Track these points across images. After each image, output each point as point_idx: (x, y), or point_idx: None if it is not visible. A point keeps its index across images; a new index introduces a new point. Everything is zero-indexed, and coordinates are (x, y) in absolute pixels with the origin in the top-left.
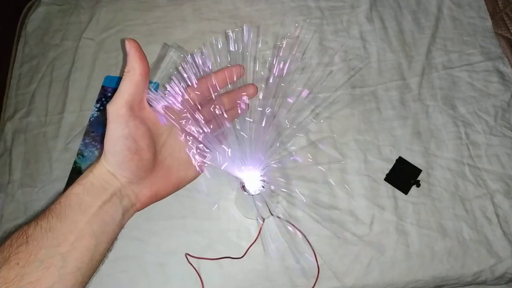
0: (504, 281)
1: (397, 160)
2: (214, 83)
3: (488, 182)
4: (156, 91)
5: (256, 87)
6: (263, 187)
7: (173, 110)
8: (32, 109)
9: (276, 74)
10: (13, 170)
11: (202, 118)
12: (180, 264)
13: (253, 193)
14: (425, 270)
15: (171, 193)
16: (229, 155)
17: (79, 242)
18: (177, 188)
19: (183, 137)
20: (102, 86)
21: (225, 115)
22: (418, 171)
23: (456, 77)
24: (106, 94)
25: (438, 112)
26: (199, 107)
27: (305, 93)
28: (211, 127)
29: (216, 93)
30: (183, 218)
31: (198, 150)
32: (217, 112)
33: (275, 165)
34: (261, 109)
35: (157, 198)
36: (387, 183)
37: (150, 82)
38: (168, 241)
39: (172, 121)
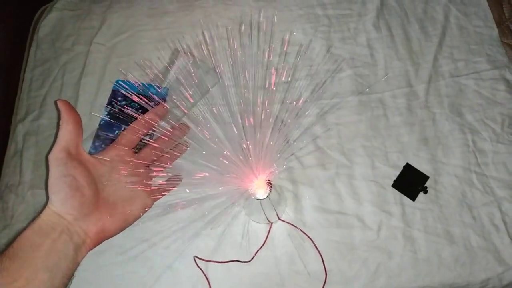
0: None
1: (404, 167)
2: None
3: (495, 190)
4: (166, 95)
5: (187, 127)
6: (270, 191)
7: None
8: (43, 111)
9: (284, 80)
10: (24, 172)
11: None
12: (188, 266)
13: (261, 198)
14: (433, 277)
15: (121, 229)
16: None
17: (34, 276)
18: (126, 223)
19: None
20: (113, 90)
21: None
22: (426, 177)
23: (463, 85)
24: (117, 98)
25: (445, 120)
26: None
27: (311, 98)
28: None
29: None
30: (192, 221)
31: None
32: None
33: (282, 170)
34: (267, 114)
35: (105, 234)
36: (394, 190)
37: (159, 87)
38: (177, 244)
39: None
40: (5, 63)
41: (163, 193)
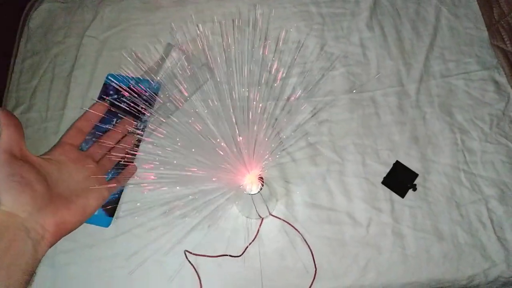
0: (497, 285)
1: (394, 164)
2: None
3: (483, 188)
4: (159, 90)
5: (131, 122)
6: (262, 187)
7: None
8: (33, 104)
9: (277, 77)
10: None
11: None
12: (178, 261)
13: (253, 193)
14: (421, 273)
15: (81, 220)
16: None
17: None
18: (84, 214)
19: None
20: (104, 84)
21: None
22: (415, 175)
23: (453, 85)
24: (108, 92)
25: (435, 119)
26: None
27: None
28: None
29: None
30: (182, 216)
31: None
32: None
33: (274, 166)
34: (261, 110)
35: (66, 226)
36: (384, 186)
37: (153, 81)
38: (167, 238)
39: None
40: None
41: (118, 184)
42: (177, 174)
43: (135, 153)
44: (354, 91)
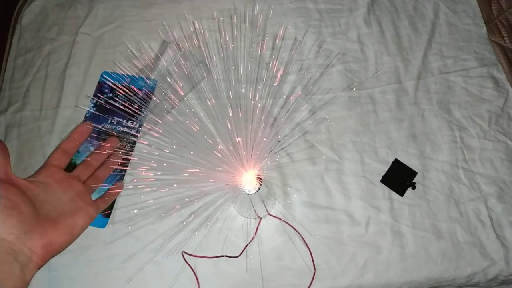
0: (496, 283)
1: (393, 162)
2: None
3: (482, 186)
4: (154, 88)
5: (116, 140)
6: (260, 186)
7: None
8: (26, 103)
9: (274, 74)
10: None
11: None
12: (176, 262)
13: (251, 193)
14: (420, 272)
15: (69, 241)
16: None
17: None
18: (72, 235)
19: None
20: (99, 82)
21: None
22: (414, 173)
23: (452, 82)
24: (103, 90)
25: (433, 116)
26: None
27: (302, 93)
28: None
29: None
30: (180, 216)
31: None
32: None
33: (272, 165)
34: (259, 109)
35: (53, 247)
36: (383, 185)
37: (148, 79)
38: (164, 239)
39: None
40: None
41: (105, 203)
42: (174, 175)
43: (130, 157)
44: (354, 89)
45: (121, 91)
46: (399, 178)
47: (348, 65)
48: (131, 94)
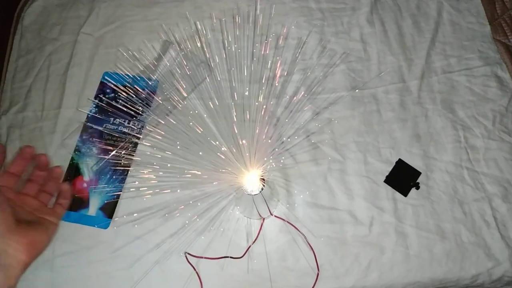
0: (501, 284)
1: (397, 162)
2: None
3: (486, 186)
4: (156, 88)
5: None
6: (263, 187)
7: None
8: (28, 103)
9: (277, 74)
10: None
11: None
12: (179, 263)
13: (254, 193)
14: (424, 272)
15: (48, 241)
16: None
17: None
18: (48, 234)
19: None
20: (101, 82)
21: None
22: (418, 173)
23: (455, 81)
24: (105, 90)
25: (437, 116)
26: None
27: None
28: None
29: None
30: (183, 217)
31: None
32: None
33: (275, 166)
34: (261, 109)
35: (37, 244)
36: (386, 185)
37: (150, 79)
38: (167, 240)
39: None
40: None
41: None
42: (177, 177)
43: (132, 158)
44: (357, 90)
45: (123, 92)
46: (402, 178)
47: (351, 65)
48: (133, 95)
